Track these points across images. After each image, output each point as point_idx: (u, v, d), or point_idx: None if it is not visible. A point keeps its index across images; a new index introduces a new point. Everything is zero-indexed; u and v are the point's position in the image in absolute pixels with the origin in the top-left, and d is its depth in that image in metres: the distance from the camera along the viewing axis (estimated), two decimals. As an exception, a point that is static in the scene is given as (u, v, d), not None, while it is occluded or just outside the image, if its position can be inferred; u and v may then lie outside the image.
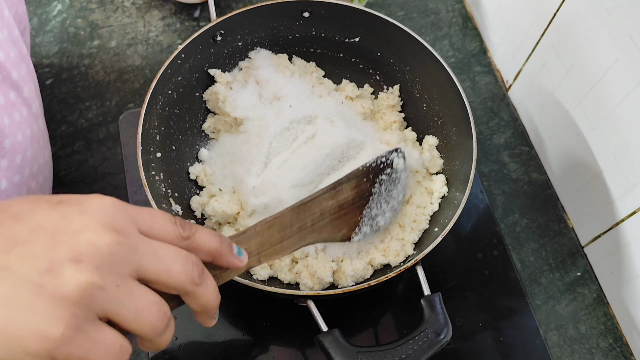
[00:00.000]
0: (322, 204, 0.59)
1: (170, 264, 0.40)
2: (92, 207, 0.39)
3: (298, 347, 0.74)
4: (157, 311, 0.39)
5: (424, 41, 0.77)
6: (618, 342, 0.79)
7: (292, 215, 0.56)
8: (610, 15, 0.68)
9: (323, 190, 0.60)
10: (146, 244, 0.40)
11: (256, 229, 0.52)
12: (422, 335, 0.59)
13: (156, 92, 0.73)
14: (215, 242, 0.45)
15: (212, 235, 0.45)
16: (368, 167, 0.65)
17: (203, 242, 0.44)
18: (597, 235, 0.81)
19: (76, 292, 0.35)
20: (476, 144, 0.71)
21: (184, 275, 0.41)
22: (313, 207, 0.58)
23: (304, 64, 0.86)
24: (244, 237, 0.51)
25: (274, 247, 0.53)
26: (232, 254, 0.46)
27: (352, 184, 0.63)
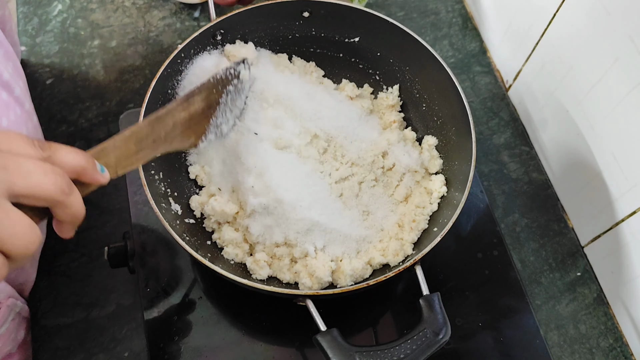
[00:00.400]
0: (175, 116, 0.62)
1: (40, 177, 0.41)
2: None
3: (297, 347, 0.74)
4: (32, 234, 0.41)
5: (423, 41, 0.77)
6: (618, 342, 0.79)
7: (147, 128, 0.58)
8: (610, 15, 0.68)
9: (177, 103, 0.63)
10: (12, 161, 0.41)
11: (115, 143, 0.54)
12: (420, 335, 0.59)
13: (155, 92, 0.73)
14: (78, 159, 0.46)
15: (74, 152, 0.46)
16: (218, 78, 0.67)
17: (66, 159, 0.45)
18: (597, 235, 0.81)
19: None
20: (475, 143, 0.71)
21: (54, 186, 0.42)
22: (167, 119, 0.61)
23: (303, 63, 0.86)
24: (103, 152, 0.53)
25: (130, 159, 0.55)
26: (95, 171, 0.48)
27: (202, 95, 0.66)
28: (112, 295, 0.78)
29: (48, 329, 0.76)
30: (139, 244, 0.77)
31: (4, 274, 0.40)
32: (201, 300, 0.76)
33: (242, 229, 0.73)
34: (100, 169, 0.49)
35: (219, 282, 0.65)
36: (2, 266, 0.40)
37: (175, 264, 0.77)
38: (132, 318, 0.77)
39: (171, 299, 0.75)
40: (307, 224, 0.71)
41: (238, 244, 0.72)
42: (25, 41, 0.97)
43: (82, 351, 0.75)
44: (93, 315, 0.77)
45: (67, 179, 0.44)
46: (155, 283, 0.76)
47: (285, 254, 0.71)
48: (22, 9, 1.00)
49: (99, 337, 0.76)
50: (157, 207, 0.66)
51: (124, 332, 0.76)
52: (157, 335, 0.73)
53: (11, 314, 0.71)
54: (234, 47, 0.82)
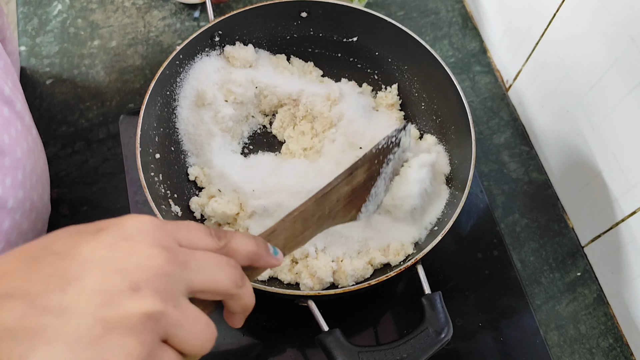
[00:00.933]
0: (339, 191, 0.61)
1: (215, 273, 0.41)
2: (133, 230, 0.38)
3: (299, 347, 0.74)
4: (208, 332, 0.40)
5: (422, 40, 0.77)
6: (618, 342, 0.79)
7: (314, 206, 0.57)
8: (610, 15, 0.68)
9: (340, 178, 0.61)
10: (192, 257, 0.40)
11: (284, 225, 0.53)
12: (422, 334, 0.59)
13: (155, 93, 0.74)
14: (251, 245, 0.45)
15: (247, 238, 0.45)
16: (380, 148, 0.66)
17: (240, 247, 0.44)
18: (597, 235, 0.81)
19: (141, 320, 0.35)
20: (475, 143, 0.71)
21: (229, 281, 0.42)
22: (332, 195, 0.60)
23: (302, 64, 0.86)
24: (274, 235, 0.51)
25: (296, 239, 0.54)
26: (269, 255, 0.47)
27: (365, 168, 0.64)
28: (112, 296, 0.78)
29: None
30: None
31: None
32: (202, 301, 0.76)
33: (242, 230, 0.73)
34: (273, 251, 0.48)
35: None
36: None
37: (176, 264, 0.77)
38: (132, 318, 0.77)
39: (172, 299, 0.75)
40: None
41: None
42: (25, 41, 0.97)
43: (83, 351, 0.74)
44: (94, 316, 0.77)
45: (241, 271, 0.43)
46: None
47: (286, 254, 0.71)
48: (22, 9, 1.00)
49: (99, 337, 0.75)
50: (158, 209, 0.66)
51: (124, 333, 0.76)
52: (158, 336, 0.73)
53: None
54: (234, 49, 0.82)
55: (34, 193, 0.68)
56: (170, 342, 0.37)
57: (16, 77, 0.74)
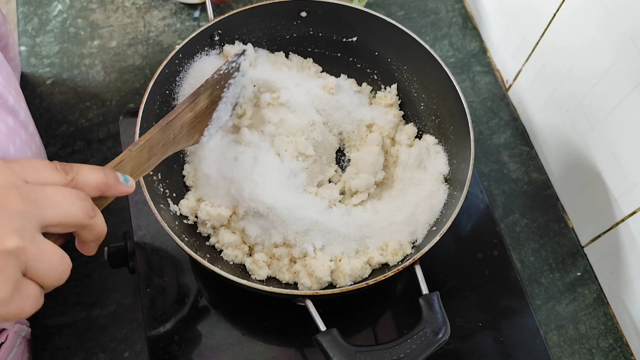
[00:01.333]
0: (183, 118, 0.63)
1: (66, 206, 0.42)
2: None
3: (297, 347, 0.74)
4: (64, 264, 0.42)
5: (421, 40, 0.77)
6: (618, 342, 0.79)
7: (159, 134, 0.59)
8: (610, 15, 0.68)
9: (184, 105, 0.63)
10: (42, 193, 0.41)
11: (131, 155, 0.54)
12: (420, 335, 0.59)
13: (154, 93, 0.74)
14: (100, 176, 0.47)
15: (94, 170, 0.47)
16: (221, 74, 0.68)
17: (88, 179, 0.46)
18: (597, 235, 0.81)
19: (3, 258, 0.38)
20: (474, 142, 0.71)
21: (81, 213, 0.43)
22: (176, 122, 0.62)
23: (300, 60, 0.86)
24: (121, 165, 0.53)
25: (143, 167, 0.56)
26: (119, 183, 0.49)
27: (207, 94, 0.66)
28: (112, 295, 0.78)
29: (48, 328, 0.76)
30: (139, 244, 0.77)
31: (41, 304, 0.41)
32: (201, 300, 0.76)
33: (238, 231, 0.73)
34: (124, 179, 0.50)
35: (219, 282, 0.65)
36: (40, 297, 0.41)
37: (175, 264, 0.77)
38: (132, 318, 0.77)
39: (171, 299, 0.75)
40: (306, 224, 0.70)
41: (237, 245, 0.72)
42: (25, 41, 0.97)
43: (82, 351, 0.75)
44: (93, 315, 0.77)
45: (91, 203, 0.45)
46: (156, 283, 0.76)
47: (285, 254, 0.71)
48: (22, 9, 1.00)
49: (99, 336, 0.76)
50: (156, 208, 0.66)
51: (124, 332, 0.76)
52: (157, 335, 0.73)
53: (18, 339, 0.70)
54: (233, 48, 0.82)
55: None
56: (30, 275, 0.40)
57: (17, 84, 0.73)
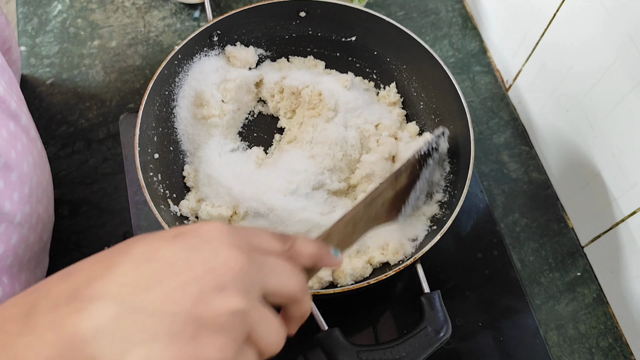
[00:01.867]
0: (385, 195, 0.62)
1: (286, 276, 0.42)
2: (210, 233, 0.39)
3: (298, 347, 0.74)
4: (282, 332, 0.41)
5: (419, 39, 0.77)
6: (618, 341, 0.79)
7: (364, 210, 0.58)
8: (610, 15, 0.68)
9: (387, 183, 0.63)
10: (265, 261, 0.41)
11: (338, 229, 0.54)
12: (422, 333, 0.59)
13: (153, 93, 0.74)
14: (314, 247, 0.46)
15: (309, 241, 0.46)
16: (421, 154, 0.68)
17: (304, 249, 0.45)
18: (597, 235, 0.81)
19: (231, 318, 0.36)
20: (474, 142, 0.71)
21: (298, 285, 0.42)
22: (379, 200, 0.61)
23: (302, 60, 0.86)
24: (329, 237, 0.53)
25: (347, 241, 0.55)
26: (331, 256, 0.48)
27: (408, 172, 0.66)
28: (112, 295, 0.78)
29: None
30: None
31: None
32: (201, 300, 0.75)
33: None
34: (334, 252, 0.49)
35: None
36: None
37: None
38: (132, 318, 0.77)
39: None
40: (307, 226, 0.71)
41: None
42: (25, 41, 0.97)
43: (82, 351, 0.74)
44: (93, 315, 0.77)
45: (305, 279, 0.45)
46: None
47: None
48: (22, 9, 1.00)
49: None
50: (157, 209, 0.66)
51: (124, 332, 0.76)
52: (158, 335, 0.73)
53: None
54: (235, 49, 0.82)
55: (39, 206, 0.68)
56: (252, 339, 0.38)
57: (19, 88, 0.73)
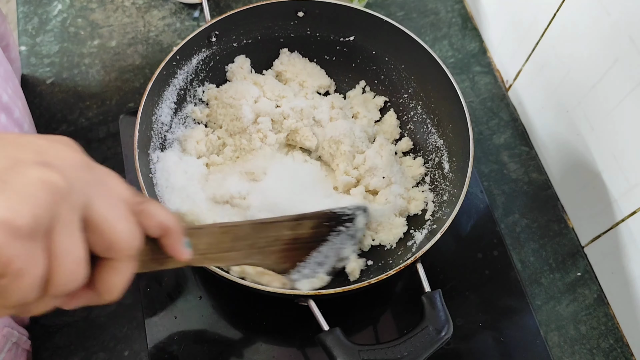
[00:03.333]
0: (280, 231, 0.59)
1: (118, 215, 0.37)
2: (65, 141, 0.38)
3: (298, 347, 0.73)
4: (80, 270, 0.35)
5: (418, 38, 0.78)
6: (619, 342, 0.79)
7: (249, 230, 0.55)
8: (610, 15, 0.69)
9: (286, 218, 0.60)
10: (104, 187, 0.37)
11: (212, 230, 0.50)
12: (423, 332, 0.59)
13: (152, 94, 0.74)
14: (168, 217, 0.41)
15: (165, 210, 0.42)
16: (332, 213, 0.65)
17: (155, 212, 0.41)
18: (597, 235, 0.81)
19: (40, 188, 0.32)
20: (473, 140, 0.71)
21: (126, 235, 0.37)
22: (271, 230, 0.58)
23: (296, 72, 0.86)
24: (197, 232, 0.49)
25: (220, 254, 0.51)
26: (180, 240, 0.43)
27: (313, 223, 0.63)
28: (112, 295, 0.78)
29: (48, 327, 0.76)
30: (140, 244, 0.77)
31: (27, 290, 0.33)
32: (201, 300, 0.76)
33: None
34: (186, 244, 0.43)
35: (219, 282, 0.65)
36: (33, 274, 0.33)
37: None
38: (132, 317, 0.77)
39: (171, 298, 0.75)
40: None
41: None
42: (25, 41, 0.97)
43: (82, 350, 0.74)
44: (93, 314, 0.76)
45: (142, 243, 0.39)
46: (156, 282, 0.76)
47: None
48: (22, 9, 0.99)
49: (99, 335, 0.75)
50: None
51: (124, 331, 0.76)
52: (157, 335, 0.73)
53: (7, 344, 0.68)
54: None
55: None
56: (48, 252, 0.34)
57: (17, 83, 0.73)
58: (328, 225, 0.65)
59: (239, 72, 0.83)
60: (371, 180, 0.76)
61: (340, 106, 0.82)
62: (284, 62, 0.86)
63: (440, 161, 0.78)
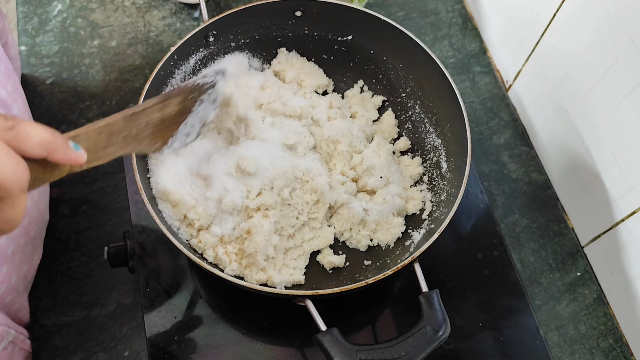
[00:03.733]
0: (150, 116, 0.59)
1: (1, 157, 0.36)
2: None
3: (297, 347, 0.73)
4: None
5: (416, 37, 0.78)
6: (618, 342, 0.79)
7: (122, 123, 0.55)
8: (610, 15, 0.68)
9: (153, 102, 0.60)
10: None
11: (88, 133, 0.50)
12: (420, 332, 0.59)
13: (150, 95, 0.74)
14: (46, 133, 0.40)
15: (42, 127, 0.41)
16: (195, 85, 0.65)
17: (32, 132, 0.39)
18: (597, 235, 0.81)
19: None
20: (470, 139, 0.71)
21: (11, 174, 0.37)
22: (142, 117, 0.58)
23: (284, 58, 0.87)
24: (77, 138, 0.48)
25: (98, 153, 0.52)
26: (68, 147, 0.42)
27: (178, 99, 0.63)
28: (112, 295, 0.78)
29: (48, 328, 0.76)
30: (139, 244, 0.77)
31: None
32: (201, 300, 0.76)
33: (212, 234, 0.72)
34: (74, 146, 0.43)
35: (219, 282, 0.65)
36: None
37: (175, 264, 0.77)
38: (132, 317, 0.77)
39: (171, 298, 0.75)
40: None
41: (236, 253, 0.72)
42: (25, 41, 0.97)
43: (82, 350, 0.75)
44: (93, 315, 0.77)
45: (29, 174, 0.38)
46: (156, 282, 0.76)
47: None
48: (22, 9, 1.00)
49: (99, 336, 0.75)
50: (154, 210, 0.66)
51: (124, 331, 0.76)
52: (157, 335, 0.73)
53: (3, 342, 0.68)
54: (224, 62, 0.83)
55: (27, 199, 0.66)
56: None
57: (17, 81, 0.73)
58: (192, 98, 0.65)
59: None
60: (369, 180, 0.76)
61: (338, 106, 0.82)
62: (281, 62, 0.86)
63: (438, 160, 0.78)
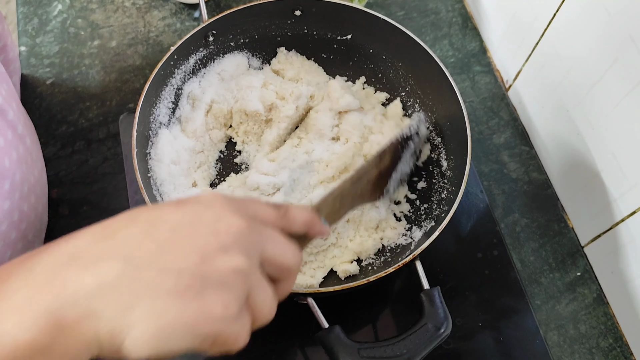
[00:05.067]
0: (370, 174, 0.64)
1: (284, 246, 0.43)
2: (212, 201, 0.41)
3: (299, 345, 0.73)
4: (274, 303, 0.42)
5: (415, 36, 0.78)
6: (618, 342, 0.79)
7: (350, 186, 0.60)
8: (610, 15, 0.69)
9: (372, 163, 0.65)
10: (264, 229, 0.42)
11: (327, 203, 0.55)
12: (422, 330, 0.59)
13: (150, 95, 0.74)
14: (307, 213, 0.48)
15: (301, 208, 0.48)
16: (403, 136, 0.70)
17: (297, 215, 0.47)
18: (597, 235, 0.81)
19: (233, 276, 0.38)
20: (470, 138, 0.71)
21: (294, 258, 0.43)
22: (364, 177, 0.63)
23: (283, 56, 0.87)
24: (320, 210, 0.54)
25: (334, 216, 0.57)
26: (320, 223, 0.49)
27: (391, 152, 0.68)
28: (112, 294, 0.78)
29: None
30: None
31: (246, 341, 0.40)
32: (201, 299, 0.75)
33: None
34: (323, 221, 0.51)
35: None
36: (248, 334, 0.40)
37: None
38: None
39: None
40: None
41: None
42: (25, 41, 0.97)
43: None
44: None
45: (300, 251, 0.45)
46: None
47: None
48: (22, 9, 1.00)
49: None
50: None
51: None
52: (157, 334, 0.73)
53: None
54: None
55: (24, 203, 0.67)
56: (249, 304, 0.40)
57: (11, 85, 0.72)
58: (400, 147, 0.70)
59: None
60: None
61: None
62: (281, 61, 0.86)
63: (438, 159, 0.78)
